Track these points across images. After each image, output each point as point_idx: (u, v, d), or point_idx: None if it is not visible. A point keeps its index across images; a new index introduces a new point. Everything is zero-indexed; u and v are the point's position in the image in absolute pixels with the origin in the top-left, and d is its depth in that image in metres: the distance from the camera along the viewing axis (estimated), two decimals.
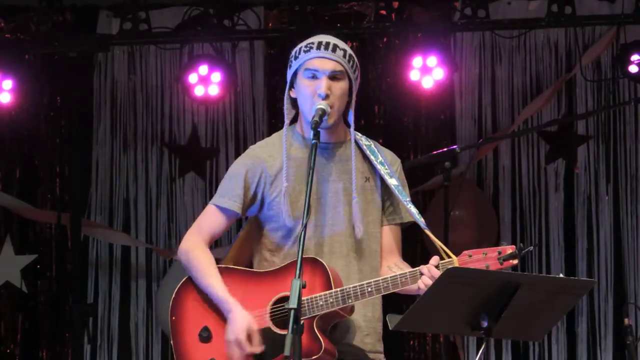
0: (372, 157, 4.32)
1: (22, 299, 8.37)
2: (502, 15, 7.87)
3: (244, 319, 4.14)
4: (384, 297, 4.30)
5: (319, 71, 4.21)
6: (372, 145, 4.36)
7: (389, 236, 4.36)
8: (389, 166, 4.33)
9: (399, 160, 4.42)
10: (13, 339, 8.35)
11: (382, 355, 4.33)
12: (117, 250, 8.37)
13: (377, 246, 4.32)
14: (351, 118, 4.30)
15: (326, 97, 4.18)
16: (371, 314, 4.28)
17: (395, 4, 7.72)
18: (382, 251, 4.34)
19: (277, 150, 4.31)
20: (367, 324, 4.27)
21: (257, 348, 4.13)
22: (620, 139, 8.03)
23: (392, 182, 4.29)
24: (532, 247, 4.19)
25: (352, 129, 4.30)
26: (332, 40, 4.27)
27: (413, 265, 4.19)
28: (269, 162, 4.29)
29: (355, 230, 4.25)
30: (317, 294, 4.11)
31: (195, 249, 4.31)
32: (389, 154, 4.40)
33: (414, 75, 7.67)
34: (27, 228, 8.44)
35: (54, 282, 8.38)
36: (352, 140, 4.30)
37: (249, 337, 4.12)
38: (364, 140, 4.35)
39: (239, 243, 4.44)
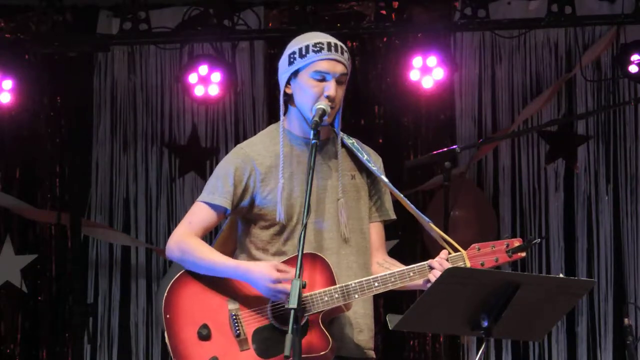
0: (358, 154, 4.32)
1: (22, 299, 8.37)
2: (502, 15, 7.87)
3: (262, 265, 4.12)
4: (384, 296, 4.30)
5: (329, 74, 4.19)
6: (355, 143, 4.36)
7: (375, 233, 4.37)
8: (374, 163, 4.33)
9: (380, 159, 4.42)
10: (13, 339, 8.35)
11: (373, 352, 4.32)
12: (117, 250, 8.37)
13: (366, 242, 4.32)
14: (338, 117, 4.28)
15: (332, 99, 4.18)
16: (363, 311, 4.28)
17: (395, 4, 7.72)
18: (371, 247, 4.34)
19: (266, 148, 4.29)
20: (359, 321, 4.26)
21: (292, 271, 4.04)
22: (620, 139, 8.02)
23: (383, 178, 4.30)
24: (539, 239, 4.17)
25: (338, 128, 4.28)
26: (339, 42, 4.26)
27: (411, 263, 4.19)
28: (258, 160, 4.28)
29: (341, 230, 4.24)
30: (322, 290, 4.11)
31: (188, 239, 4.26)
32: (372, 152, 4.41)
33: (414, 75, 7.67)
34: (27, 228, 8.44)
35: (54, 282, 8.38)
36: (339, 139, 4.29)
37: (280, 271, 4.09)
38: (346, 138, 4.34)
39: (221, 242, 4.42)
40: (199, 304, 4.23)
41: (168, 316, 4.24)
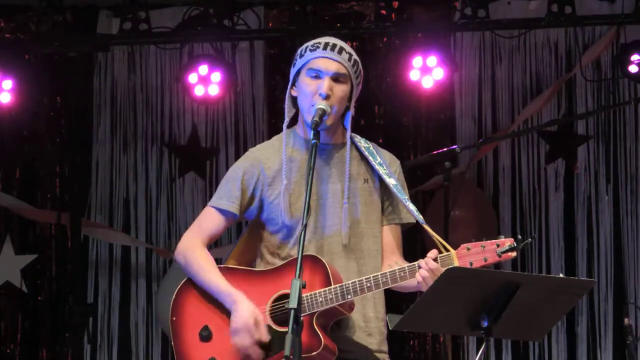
0: (370, 158, 4.32)
1: (22, 299, 8.37)
2: (502, 15, 7.87)
3: (249, 307, 4.15)
4: (385, 297, 4.30)
5: (322, 71, 4.22)
6: (371, 147, 4.37)
7: (390, 236, 4.37)
8: (387, 167, 4.34)
9: (398, 162, 4.43)
10: (13, 339, 8.35)
11: (387, 355, 4.33)
12: (117, 250, 8.37)
13: (377, 246, 4.33)
14: (348, 122, 4.30)
15: (327, 97, 4.19)
16: (372, 314, 4.28)
17: (395, 4, 7.72)
18: (383, 251, 4.35)
19: (275, 152, 4.32)
20: (368, 324, 4.27)
21: (264, 336, 4.12)
22: (620, 139, 8.03)
23: (391, 182, 4.30)
24: (530, 239, 4.17)
25: (348, 133, 4.30)
26: (339, 42, 4.29)
27: (411, 262, 4.19)
28: (266, 164, 4.30)
29: (342, 234, 4.25)
30: (317, 291, 4.12)
31: (194, 250, 4.32)
32: (388, 155, 4.41)
33: (414, 75, 7.67)
34: (27, 228, 8.44)
35: (54, 282, 8.38)
36: (348, 144, 4.30)
37: (256, 324, 4.12)
38: (362, 143, 4.35)
39: (241, 247, 4.45)
40: (202, 307, 4.27)
41: (174, 318, 4.30)
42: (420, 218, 4.26)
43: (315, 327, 4.10)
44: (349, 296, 4.12)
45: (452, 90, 8.10)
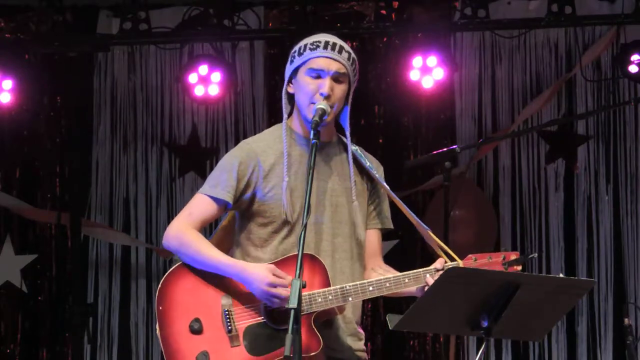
0: (361, 160, 4.32)
1: (22, 299, 8.37)
2: (502, 15, 7.87)
3: (259, 267, 4.11)
4: (384, 297, 4.29)
5: (324, 71, 4.21)
6: (359, 150, 4.37)
7: (372, 240, 4.38)
8: (375, 171, 4.34)
9: (382, 168, 4.42)
10: (13, 339, 8.35)
11: (365, 353, 4.33)
12: (117, 250, 8.37)
13: (361, 248, 4.33)
14: (346, 121, 4.29)
15: (328, 97, 4.19)
16: (351, 316, 4.29)
17: (395, 4, 7.72)
18: (365, 254, 4.35)
19: (270, 146, 4.30)
20: (348, 325, 4.28)
21: (288, 277, 4.05)
22: (620, 139, 8.03)
23: (385, 186, 4.30)
24: (535, 254, 4.19)
25: (347, 132, 4.29)
26: (338, 41, 4.28)
27: (412, 265, 4.19)
28: (262, 156, 4.28)
29: (357, 232, 4.25)
30: (316, 291, 4.11)
31: (187, 231, 4.26)
32: (374, 160, 4.41)
33: (414, 75, 7.67)
34: (27, 228, 8.44)
35: (54, 282, 8.38)
36: (349, 144, 4.29)
37: (276, 276, 4.08)
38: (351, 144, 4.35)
39: (218, 237, 4.42)
40: (192, 298, 4.21)
41: (161, 308, 4.22)
42: (425, 225, 4.26)
43: (314, 327, 4.10)
44: (350, 299, 4.12)
45: (452, 90, 8.10)
